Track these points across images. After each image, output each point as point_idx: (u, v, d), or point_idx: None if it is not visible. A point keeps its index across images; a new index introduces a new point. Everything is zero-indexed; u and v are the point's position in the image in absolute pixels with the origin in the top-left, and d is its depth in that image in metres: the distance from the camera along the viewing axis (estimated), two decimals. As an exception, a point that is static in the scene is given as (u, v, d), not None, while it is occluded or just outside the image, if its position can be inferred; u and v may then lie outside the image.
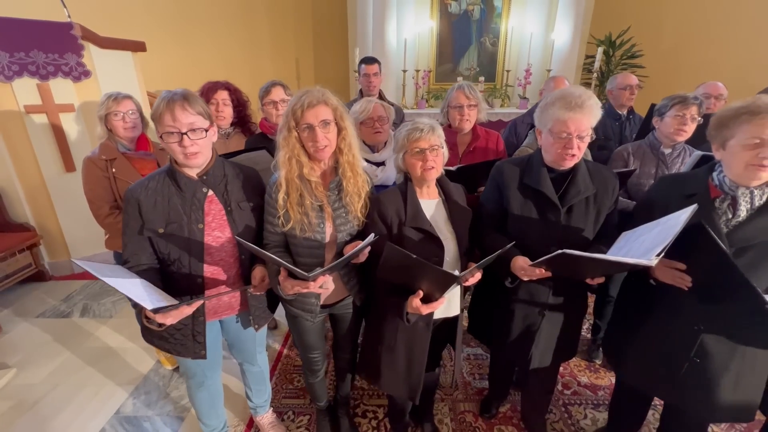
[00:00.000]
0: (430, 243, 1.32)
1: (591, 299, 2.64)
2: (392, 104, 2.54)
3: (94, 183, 1.73)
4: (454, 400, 2.04)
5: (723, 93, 2.32)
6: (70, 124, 3.09)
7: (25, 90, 2.85)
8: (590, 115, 1.22)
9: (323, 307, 1.48)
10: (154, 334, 1.34)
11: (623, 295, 1.53)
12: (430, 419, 1.84)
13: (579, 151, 1.26)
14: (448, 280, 1.12)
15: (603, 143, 2.49)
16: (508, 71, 5.52)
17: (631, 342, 1.42)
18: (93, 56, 3.08)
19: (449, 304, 1.42)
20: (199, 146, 1.20)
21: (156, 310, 0.92)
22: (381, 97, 2.64)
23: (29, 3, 3.07)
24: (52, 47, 2.84)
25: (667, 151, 1.82)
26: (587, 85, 5.44)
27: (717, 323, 1.20)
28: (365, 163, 1.81)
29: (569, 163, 1.29)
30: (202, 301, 1.09)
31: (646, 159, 1.85)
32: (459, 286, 1.38)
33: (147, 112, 1.75)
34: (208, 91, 1.97)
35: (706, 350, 1.22)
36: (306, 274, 1.09)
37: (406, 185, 1.38)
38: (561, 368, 2.23)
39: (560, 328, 1.48)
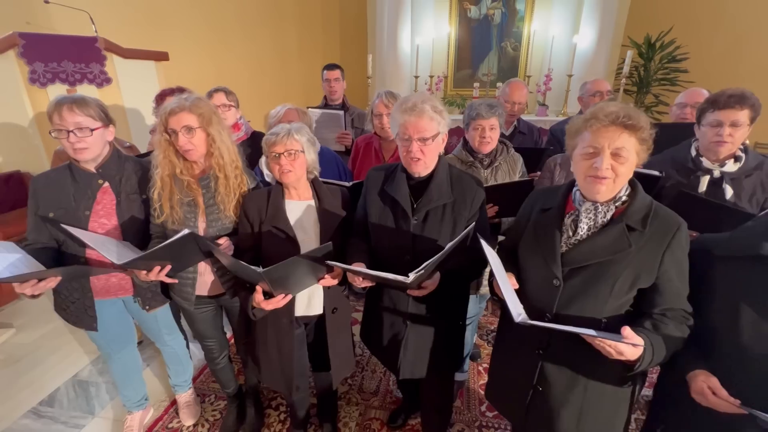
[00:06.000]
0: (286, 242, 1.37)
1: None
2: (348, 109, 2.60)
3: (53, 174, 2.01)
4: (368, 406, 2.03)
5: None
6: (94, 124, 3.57)
7: (57, 94, 3.33)
8: (426, 118, 1.20)
9: (210, 297, 1.59)
10: (58, 305, 1.55)
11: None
12: (330, 420, 1.85)
13: (423, 155, 1.24)
14: (251, 275, 1.17)
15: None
16: (529, 77, 5.27)
17: (493, 360, 1.34)
18: (116, 65, 3.53)
19: (310, 302, 1.45)
20: (86, 143, 1.37)
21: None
22: (344, 102, 2.71)
23: (66, 20, 3.61)
24: (79, 58, 3.31)
25: (592, 162, 1.66)
26: (615, 91, 5.00)
27: (555, 348, 1.10)
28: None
29: (416, 168, 1.27)
30: (44, 278, 1.23)
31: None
32: (320, 286, 1.41)
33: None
34: (159, 98, 2.18)
35: (546, 378, 1.13)
36: (116, 262, 1.21)
37: (276, 187, 1.44)
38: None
39: (432, 338, 1.43)
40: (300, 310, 1.44)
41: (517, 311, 0.91)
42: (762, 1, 4.81)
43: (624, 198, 1.04)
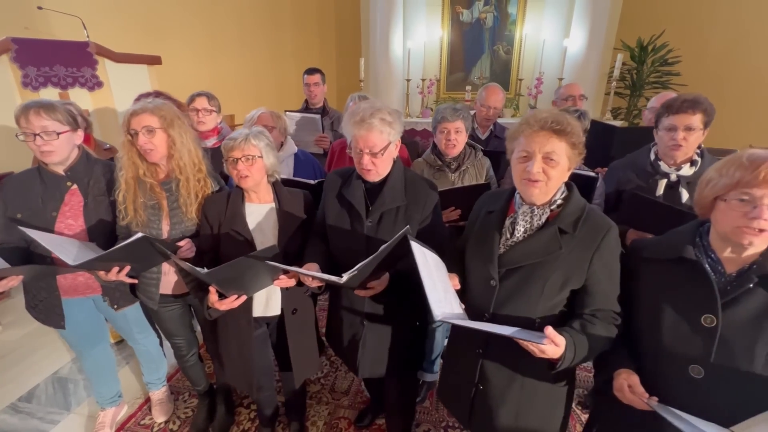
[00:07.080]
0: (245, 245, 1.40)
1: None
2: (328, 113, 2.64)
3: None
4: (338, 405, 2.05)
5: (670, 105, 2.04)
6: (85, 127, 3.64)
7: (49, 98, 3.42)
8: (375, 132, 1.22)
9: (176, 296, 1.63)
10: (28, 303, 1.60)
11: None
12: (297, 419, 1.88)
13: (374, 166, 1.27)
14: (201, 277, 1.21)
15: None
16: (520, 80, 5.29)
17: (444, 360, 1.37)
18: (107, 69, 3.61)
19: (268, 303, 1.48)
20: (52, 146, 1.42)
21: None
22: (324, 106, 2.76)
23: (64, 25, 3.70)
24: (71, 62, 3.39)
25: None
26: (606, 95, 5.01)
27: (493, 348, 1.13)
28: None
29: (369, 177, 1.31)
30: (6, 276, 1.28)
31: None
32: (278, 287, 1.44)
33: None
34: (137, 102, 2.23)
35: (486, 377, 1.15)
36: (71, 263, 1.24)
37: (236, 190, 1.47)
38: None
39: (389, 338, 1.46)
40: (258, 311, 1.47)
41: (440, 310, 0.94)
42: (755, 5, 4.81)
43: (559, 201, 1.06)
